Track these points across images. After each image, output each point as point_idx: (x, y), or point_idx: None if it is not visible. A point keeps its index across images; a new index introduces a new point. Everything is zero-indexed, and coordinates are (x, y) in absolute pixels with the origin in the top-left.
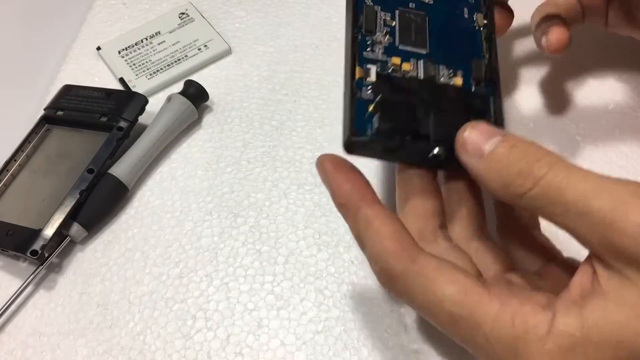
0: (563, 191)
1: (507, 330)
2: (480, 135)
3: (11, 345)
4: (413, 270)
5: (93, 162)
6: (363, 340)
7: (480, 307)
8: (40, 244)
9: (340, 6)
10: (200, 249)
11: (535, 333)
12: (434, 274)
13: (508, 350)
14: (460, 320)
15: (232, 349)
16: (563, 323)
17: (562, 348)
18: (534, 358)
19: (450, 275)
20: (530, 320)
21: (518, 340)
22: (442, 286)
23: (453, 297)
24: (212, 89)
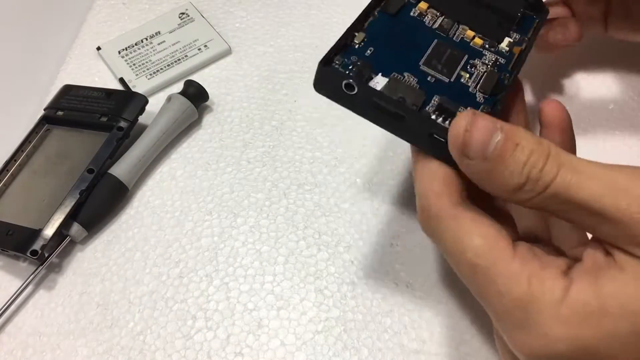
0: (573, 193)
1: (522, 289)
2: (480, 134)
3: (11, 345)
4: (449, 214)
5: (93, 162)
6: (363, 340)
7: (501, 263)
8: (40, 244)
9: (341, 6)
10: (200, 249)
11: (551, 296)
12: (467, 222)
13: (519, 309)
14: (479, 272)
15: (232, 349)
16: (579, 291)
17: (577, 315)
18: (546, 321)
19: (482, 228)
20: (547, 283)
21: (532, 301)
22: (470, 236)
23: (477, 248)
24: (212, 89)
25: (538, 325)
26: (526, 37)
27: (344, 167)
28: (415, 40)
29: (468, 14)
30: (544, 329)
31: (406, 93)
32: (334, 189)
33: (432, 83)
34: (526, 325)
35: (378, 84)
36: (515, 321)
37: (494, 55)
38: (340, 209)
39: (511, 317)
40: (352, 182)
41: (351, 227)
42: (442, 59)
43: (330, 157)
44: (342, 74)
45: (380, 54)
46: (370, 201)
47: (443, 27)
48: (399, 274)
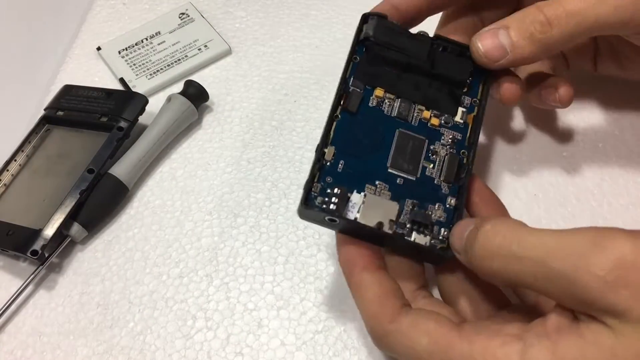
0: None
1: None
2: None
3: (11, 345)
4: (392, 329)
5: (93, 162)
6: (363, 340)
7: (453, 350)
8: (40, 244)
9: (341, 6)
10: (200, 249)
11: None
12: (409, 329)
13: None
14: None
15: (232, 349)
16: (534, 353)
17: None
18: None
19: (423, 327)
20: (498, 353)
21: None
22: (416, 339)
23: (428, 347)
24: (212, 89)
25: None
26: (476, 99)
27: None
28: (379, 134)
29: (420, 91)
30: None
31: (382, 214)
32: None
33: (401, 185)
34: None
35: (355, 205)
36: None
37: (451, 133)
38: None
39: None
40: None
41: None
42: (407, 154)
43: None
44: (323, 212)
45: (351, 165)
46: None
47: (401, 113)
48: None
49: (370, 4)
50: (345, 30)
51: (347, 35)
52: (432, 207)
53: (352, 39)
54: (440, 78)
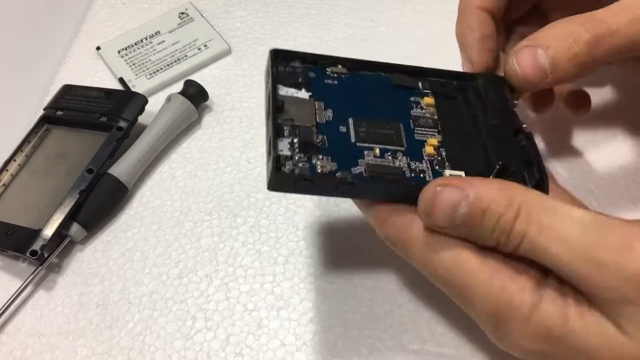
0: (540, 255)
1: (493, 301)
2: (444, 208)
3: (11, 345)
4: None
5: (93, 162)
6: (363, 341)
7: (472, 274)
8: (39, 244)
9: (341, 6)
10: (200, 249)
11: (518, 313)
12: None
13: (491, 319)
14: (454, 285)
15: (232, 349)
16: (546, 311)
17: (541, 336)
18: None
19: (446, 242)
20: (516, 298)
21: (501, 315)
22: (437, 253)
23: (446, 262)
24: (212, 89)
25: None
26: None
27: None
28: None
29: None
30: (514, 340)
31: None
32: None
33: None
34: (499, 334)
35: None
36: (489, 328)
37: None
38: (340, 209)
39: (486, 325)
40: None
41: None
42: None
43: None
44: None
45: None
46: None
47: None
48: (400, 274)
49: (370, 5)
50: (345, 30)
51: (347, 35)
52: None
53: (352, 39)
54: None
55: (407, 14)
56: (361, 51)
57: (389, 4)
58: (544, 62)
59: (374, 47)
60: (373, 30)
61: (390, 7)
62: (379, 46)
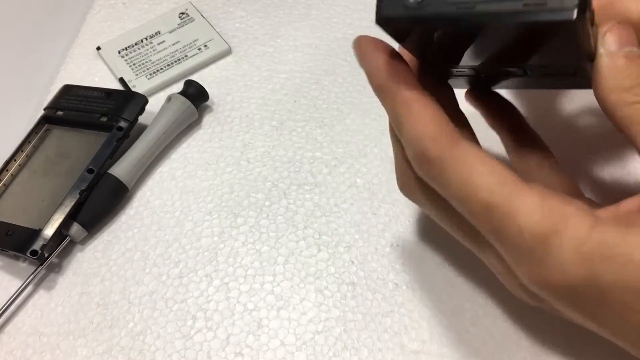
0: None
1: (545, 223)
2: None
3: (11, 345)
4: (452, 155)
5: (93, 162)
6: (363, 340)
7: (520, 197)
8: (40, 244)
9: (341, 6)
10: (200, 249)
11: (574, 232)
12: (474, 161)
13: (540, 244)
14: (495, 210)
15: (232, 349)
16: (605, 232)
17: (600, 255)
18: (566, 257)
19: (490, 165)
20: (571, 218)
21: (553, 236)
22: (480, 174)
23: (491, 185)
24: (212, 89)
25: (558, 260)
26: None
27: (344, 167)
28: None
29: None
30: (563, 265)
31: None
32: (334, 189)
33: None
34: (546, 261)
35: None
36: (534, 256)
37: None
38: (340, 209)
39: (531, 253)
40: (352, 182)
41: (351, 227)
42: None
43: (330, 157)
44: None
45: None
46: (370, 201)
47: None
48: (399, 274)
49: (370, 5)
50: (345, 30)
51: (347, 35)
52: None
53: (352, 39)
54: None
55: None
56: None
57: None
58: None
59: None
60: (373, 30)
61: None
62: None
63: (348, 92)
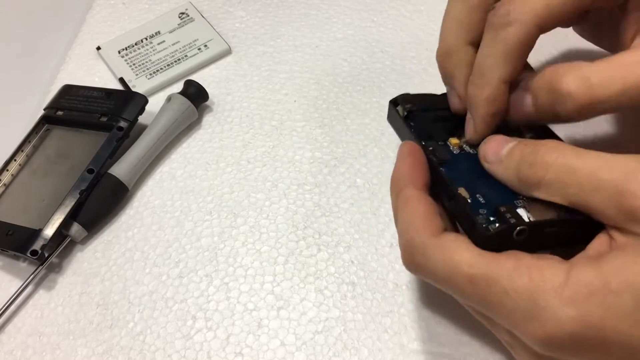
0: (575, 171)
1: (525, 281)
2: (496, 143)
3: (11, 345)
4: (433, 243)
5: (93, 162)
6: (363, 340)
7: (497, 264)
8: (40, 244)
9: (341, 6)
10: (200, 249)
11: (552, 282)
12: (452, 244)
13: (527, 301)
14: (478, 281)
15: (232, 349)
16: (580, 272)
17: (581, 295)
18: (552, 306)
19: (466, 244)
20: (546, 271)
21: (536, 290)
22: (458, 252)
23: (470, 259)
24: (212, 89)
25: (546, 311)
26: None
27: (344, 167)
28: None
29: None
30: (552, 314)
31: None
32: (334, 189)
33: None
34: (536, 314)
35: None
36: (524, 314)
37: None
38: (340, 209)
39: (520, 311)
40: (352, 182)
41: (351, 227)
42: None
43: (330, 157)
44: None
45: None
46: (370, 201)
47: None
48: (399, 274)
49: (370, 5)
50: (345, 30)
51: (347, 35)
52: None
53: (352, 39)
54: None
55: (407, 14)
56: (361, 51)
57: (388, 4)
58: (528, 111)
59: (374, 47)
60: (373, 30)
61: (390, 7)
62: (379, 46)
63: (348, 92)
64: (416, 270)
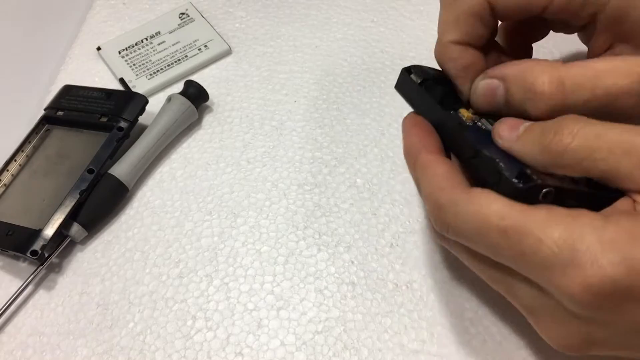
0: (603, 136)
1: (560, 229)
2: (512, 121)
3: (11, 345)
4: (460, 197)
5: (93, 162)
6: (363, 340)
7: (528, 214)
8: (40, 244)
9: (340, 6)
10: (200, 249)
11: (591, 227)
12: (480, 197)
13: (563, 248)
14: (510, 232)
15: (232, 349)
16: (620, 220)
17: (623, 236)
18: (595, 247)
19: (494, 196)
20: (582, 218)
21: (573, 235)
22: (488, 204)
23: (500, 211)
24: (212, 89)
25: (587, 255)
26: None
27: (344, 167)
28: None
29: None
30: (594, 258)
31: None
32: (334, 189)
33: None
34: (575, 262)
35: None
36: (563, 263)
37: None
38: (340, 209)
39: (557, 260)
40: (352, 182)
41: (351, 227)
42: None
43: (330, 157)
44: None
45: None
46: (370, 201)
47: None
48: (399, 274)
49: (370, 5)
50: (345, 30)
51: (347, 35)
52: None
53: (352, 39)
54: None
55: (407, 14)
56: (361, 51)
57: (388, 4)
58: (500, 100)
59: (374, 47)
60: (373, 31)
61: (390, 7)
62: (379, 46)
63: (348, 92)
64: (448, 230)
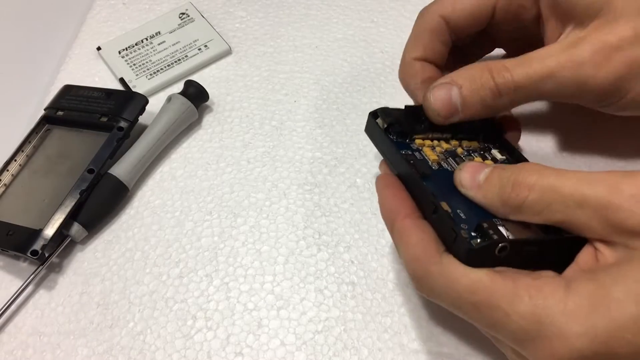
0: (558, 189)
1: (526, 302)
2: (472, 169)
3: (11, 345)
4: (434, 271)
5: (93, 162)
6: (363, 340)
7: (496, 289)
8: (40, 244)
9: (340, 6)
10: (200, 249)
11: (554, 299)
12: (450, 270)
13: (529, 322)
14: (481, 306)
15: (232, 349)
16: (579, 286)
17: (584, 307)
18: (558, 323)
19: (463, 269)
20: (545, 289)
21: (538, 308)
22: (457, 279)
23: (470, 285)
24: (212, 89)
25: (552, 329)
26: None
27: (344, 167)
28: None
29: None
30: (559, 331)
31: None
32: (334, 189)
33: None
34: (542, 334)
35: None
36: (531, 335)
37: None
38: (340, 209)
39: (526, 333)
40: (352, 182)
41: (351, 227)
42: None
43: (330, 157)
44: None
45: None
46: (370, 201)
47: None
48: (399, 274)
49: (370, 5)
50: (345, 30)
51: (347, 35)
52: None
53: (351, 39)
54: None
55: (407, 14)
56: (361, 51)
57: (388, 4)
58: (455, 100)
59: (374, 48)
60: (373, 31)
61: (390, 8)
62: (379, 46)
63: (348, 92)
64: (428, 297)
